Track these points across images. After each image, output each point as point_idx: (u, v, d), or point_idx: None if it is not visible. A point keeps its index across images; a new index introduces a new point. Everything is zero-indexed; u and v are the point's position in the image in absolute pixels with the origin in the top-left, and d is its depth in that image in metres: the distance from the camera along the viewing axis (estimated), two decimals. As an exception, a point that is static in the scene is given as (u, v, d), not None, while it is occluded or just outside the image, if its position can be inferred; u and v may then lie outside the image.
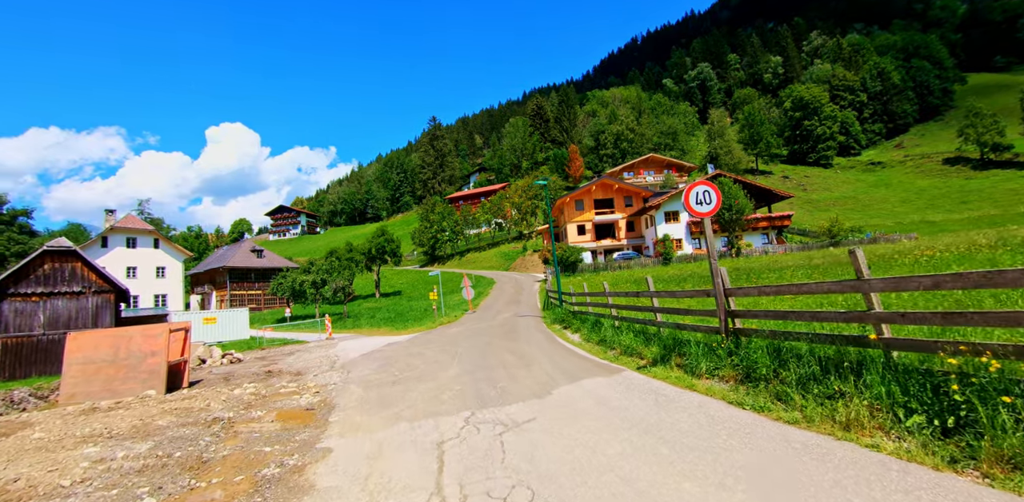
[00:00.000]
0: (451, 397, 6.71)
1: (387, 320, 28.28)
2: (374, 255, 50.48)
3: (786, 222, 46.92)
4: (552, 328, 14.58)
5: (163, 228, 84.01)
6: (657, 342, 7.57)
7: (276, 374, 12.22)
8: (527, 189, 66.45)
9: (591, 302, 12.31)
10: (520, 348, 10.99)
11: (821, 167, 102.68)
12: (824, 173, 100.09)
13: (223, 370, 15.14)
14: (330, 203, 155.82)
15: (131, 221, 45.34)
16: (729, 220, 37.38)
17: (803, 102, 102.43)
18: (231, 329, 29.68)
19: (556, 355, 9.55)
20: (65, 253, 23.00)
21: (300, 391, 8.82)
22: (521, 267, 52.23)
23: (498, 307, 23.97)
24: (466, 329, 16.85)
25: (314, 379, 10.26)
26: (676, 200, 46.19)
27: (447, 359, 10.52)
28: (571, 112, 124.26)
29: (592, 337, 10.46)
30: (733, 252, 37.32)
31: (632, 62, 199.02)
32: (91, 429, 6.51)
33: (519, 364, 8.89)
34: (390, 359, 11.68)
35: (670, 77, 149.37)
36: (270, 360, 16.88)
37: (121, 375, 11.08)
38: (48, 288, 22.62)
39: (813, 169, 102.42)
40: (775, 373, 5.06)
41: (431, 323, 22.09)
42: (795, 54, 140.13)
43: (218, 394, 8.80)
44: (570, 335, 12.46)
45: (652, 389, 5.89)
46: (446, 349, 12.17)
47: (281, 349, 21.32)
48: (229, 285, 51.50)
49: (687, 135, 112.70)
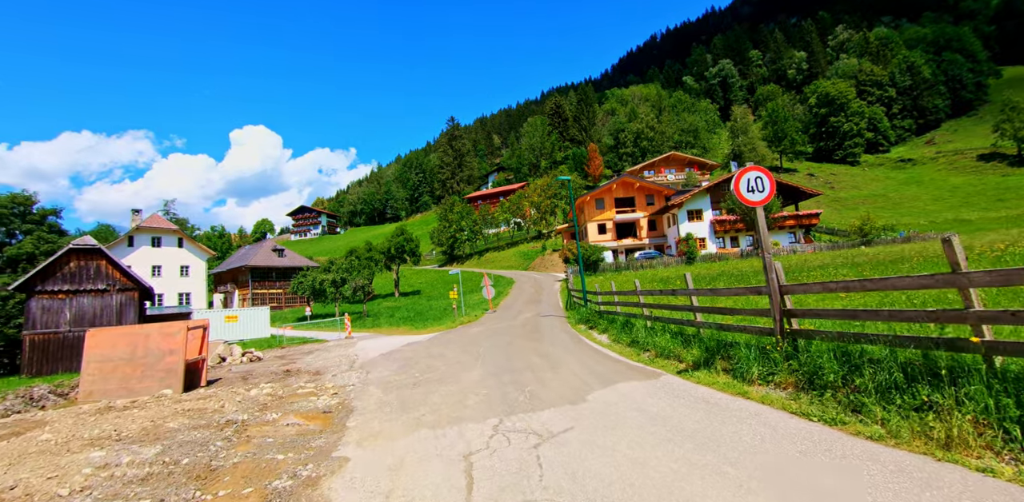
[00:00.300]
0: (476, 402, 6.24)
1: (406, 319, 28.02)
2: (393, 254, 50.45)
3: (814, 220, 45.50)
4: (577, 328, 14.04)
5: (187, 228, 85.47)
6: (697, 344, 7.00)
7: (294, 374, 11.93)
8: (546, 188, 65.86)
9: (619, 301, 11.74)
10: (545, 349, 10.49)
11: (848, 165, 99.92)
12: (851, 171, 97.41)
13: (242, 369, 14.96)
14: (350, 203, 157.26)
15: (156, 220, 46.06)
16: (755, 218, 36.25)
17: (829, 98, 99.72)
18: (252, 327, 29.78)
19: (585, 356, 9.03)
20: (90, 251, 23.23)
21: (317, 392, 8.46)
22: (540, 266, 51.67)
23: (518, 307, 23.48)
24: (487, 329, 16.41)
25: (332, 379, 9.91)
26: (700, 198, 45.15)
27: (469, 360, 10.07)
28: (590, 111, 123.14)
29: (622, 338, 9.90)
30: (759, 251, 36.18)
31: (651, 60, 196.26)
32: (100, 431, 6.22)
33: (546, 366, 8.39)
34: (410, 359, 11.29)
35: (690, 74, 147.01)
36: (289, 359, 16.68)
37: (138, 373, 10.90)
38: (74, 285, 22.86)
39: (840, 167, 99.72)
40: (844, 380, 4.47)
41: (451, 322, 21.72)
42: (820, 49, 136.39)
43: (234, 394, 8.49)
44: (597, 336, 11.91)
45: (699, 396, 5.34)
46: (468, 349, 11.73)
47: (300, 348, 21.18)
48: (251, 284, 52.02)
49: (708, 133, 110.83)
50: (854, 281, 4.45)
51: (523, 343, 11.78)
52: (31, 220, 33.93)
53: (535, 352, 10.20)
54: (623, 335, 9.93)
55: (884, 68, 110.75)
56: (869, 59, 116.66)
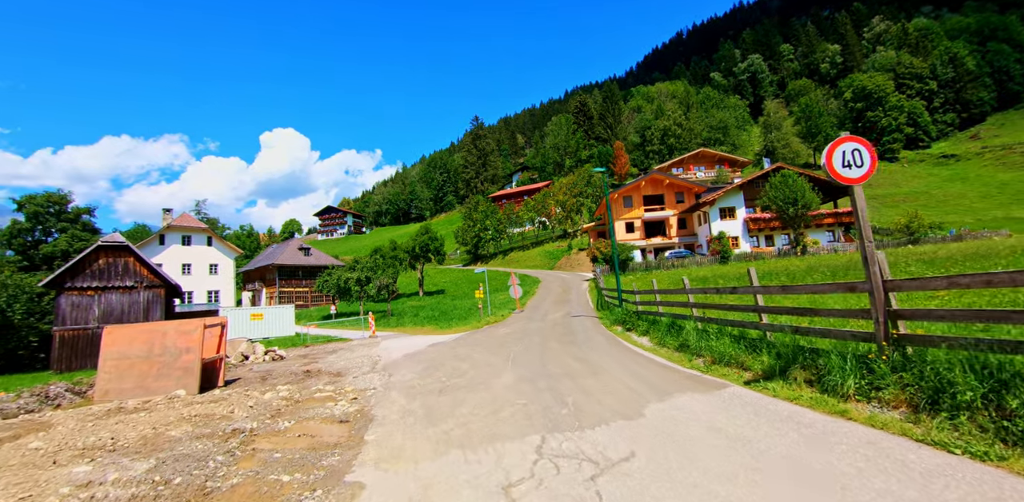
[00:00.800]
0: (512, 414, 5.43)
1: (431, 318, 27.46)
2: (418, 253, 50.12)
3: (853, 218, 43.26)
4: (612, 330, 13.11)
5: (218, 228, 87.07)
6: (767, 350, 6.04)
7: (314, 374, 11.35)
8: (572, 186, 64.76)
9: (661, 301, 10.78)
10: (582, 353, 9.62)
11: (886, 161, 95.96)
12: (890, 167, 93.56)
13: (263, 368, 14.50)
14: (375, 204, 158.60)
15: (186, 219, 46.72)
16: (793, 216, 34.60)
17: (865, 92, 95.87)
18: (277, 325, 29.66)
19: (628, 361, 8.14)
20: (119, 248, 23.27)
21: (336, 397, 7.79)
22: (567, 266, 50.66)
23: (546, 307, 22.61)
24: (516, 330, 15.60)
25: (353, 382, 9.25)
26: (733, 195, 43.52)
27: (499, 363, 9.27)
28: (615, 108, 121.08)
29: (668, 341, 8.95)
30: (798, 250, 34.52)
31: (677, 57, 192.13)
32: (96, 438, 5.62)
33: (586, 372, 7.53)
34: (435, 361, 10.56)
35: (718, 70, 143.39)
36: (311, 358, 16.20)
37: (155, 372, 10.45)
38: (103, 282, 22.92)
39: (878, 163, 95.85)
40: (986, 400, 3.50)
41: (476, 322, 20.99)
42: (855, 41, 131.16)
43: (247, 398, 7.88)
44: (636, 338, 10.98)
45: (783, 414, 4.42)
46: (497, 352, 10.94)
47: (324, 347, 20.77)
48: (278, 282, 52.41)
49: (738, 129, 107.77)
50: (1001, 274, 3.47)
51: (556, 345, 10.93)
52: (66, 219, 34.60)
53: (571, 355, 9.35)
54: (669, 338, 8.98)
55: (924, 60, 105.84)
56: (908, 51, 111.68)
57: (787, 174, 35.48)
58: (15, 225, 32.44)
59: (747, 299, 8.40)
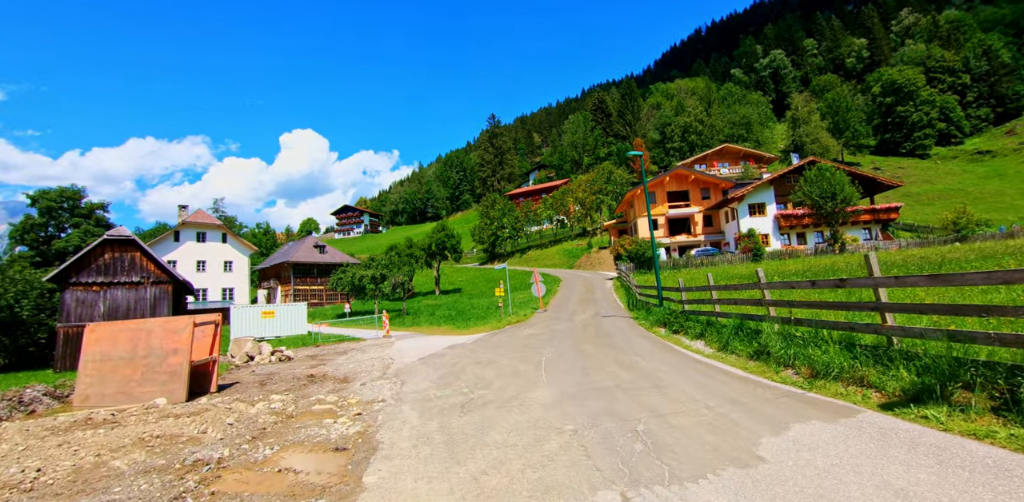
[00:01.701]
0: (563, 448, 3.97)
1: (447, 318, 26.15)
2: (434, 251, 48.91)
3: (892, 215, 40.95)
4: (655, 331, 11.56)
5: (235, 226, 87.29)
6: (903, 362, 4.49)
7: (318, 380, 10.05)
8: (591, 183, 63.00)
9: (721, 298, 9.19)
10: (628, 359, 8.11)
11: (917, 158, 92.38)
12: (922, 164, 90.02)
13: (266, 370, 13.30)
14: (392, 203, 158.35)
15: (201, 216, 46.19)
16: (831, 211, 32.52)
17: (895, 86, 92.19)
18: (289, 324, 28.61)
19: (691, 372, 6.62)
20: (125, 242, 22.39)
21: (337, 411, 6.44)
22: (587, 265, 49.01)
23: (572, 306, 21.08)
24: (542, 331, 14.13)
25: (359, 391, 7.90)
26: (762, 191, 41.44)
27: (530, 371, 7.83)
28: (634, 105, 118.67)
29: (736, 347, 7.39)
30: (836, 248, 32.42)
31: (696, 54, 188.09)
32: (18, 469, 4.32)
33: (644, 384, 6.05)
34: (455, 367, 9.16)
35: (739, 67, 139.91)
36: (320, 359, 14.98)
37: (138, 376, 9.24)
38: (108, 278, 22.05)
39: (908, 160, 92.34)
40: None
41: (496, 322, 19.58)
42: (882, 35, 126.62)
43: (229, 412, 6.55)
44: (689, 342, 9.42)
45: (990, 463, 2.90)
46: (525, 356, 9.49)
47: (335, 347, 19.58)
48: (293, 280, 51.68)
49: (760, 126, 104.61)
50: None
51: (594, 350, 9.44)
52: (79, 214, 34.12)
53: (615, 362, 7.85)
54: (737, 343, 7.41)
55: (956, 53, 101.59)
56: (939, 44, 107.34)
57: (824, 167, 33.37)
58: (28, 220, 31.98)
59: (860, 294, 6.72)
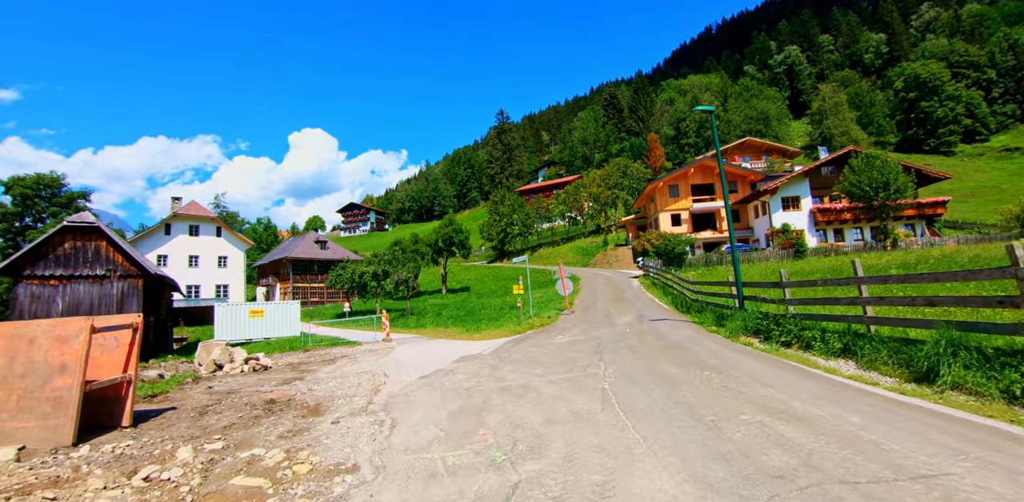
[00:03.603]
0: None
1: (456, 319, 23.19)
2: (441, 247, 45.84)
3: (939, 210, 37.57)
4: (746, 343, 8.48)
5: (237, 221, 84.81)
6: None
7: (279, 408, 7.11)
8: (606, 177, 59.83)
9: (869, 297, 6.07)
10: (757, 393, 5.05)
11: (942, 155, 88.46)
12: (947, 161, 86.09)
13: (227, 386, 10.41)
14: (398, 201, 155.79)
15: (194, 208, 43.49)
16: (882, 204, 29.24)
17: (919, 80, 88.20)
18: (280, 324, 25.76)
19: (934, 433, 3.57)
20: (88, 230, 19.53)
21: (267, 493, 3.46)
22: (603, 262, 45.88)
23: (603, 307, 18.02)
24: (580, 337, 11.08)
25: (325, 438, 4.92)
26: (797, 183, 38.19)
27: (597, 412, 4.78)
28: (647, 100, 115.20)
29: (947, 374, 4.32)
30: (888, 243, 29.14)
31: (707, 52, 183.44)
32: None
33: (874, 471, 3.00)
34: (472, 396, 6.13)
35: (752, 64, 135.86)
36: (299, 371, 12.07)
37: (13, 403, 6.30)
38: (68, 270, 19.19)
39: (932, 157, 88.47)
40: None
41: (515, 325, 16.56)
42: (902, 30, 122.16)
43: (79, 487, 3.56)
44: (823, 362, 6.36)
45: None
46: (575, 380, 6.44)
47: (326, 352, 16.66)
48: (292, 277, 48.89)
49: (778, 122, 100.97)
50: None
51: (682, 373, 6.36)
52: (57, 203, 31.46)
53: (748, 401, 4.79)
54: (951, 369, 4.33)
55: (981, 48, 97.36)
56: (962, 38, 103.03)
57: (874, 155, 30.06)
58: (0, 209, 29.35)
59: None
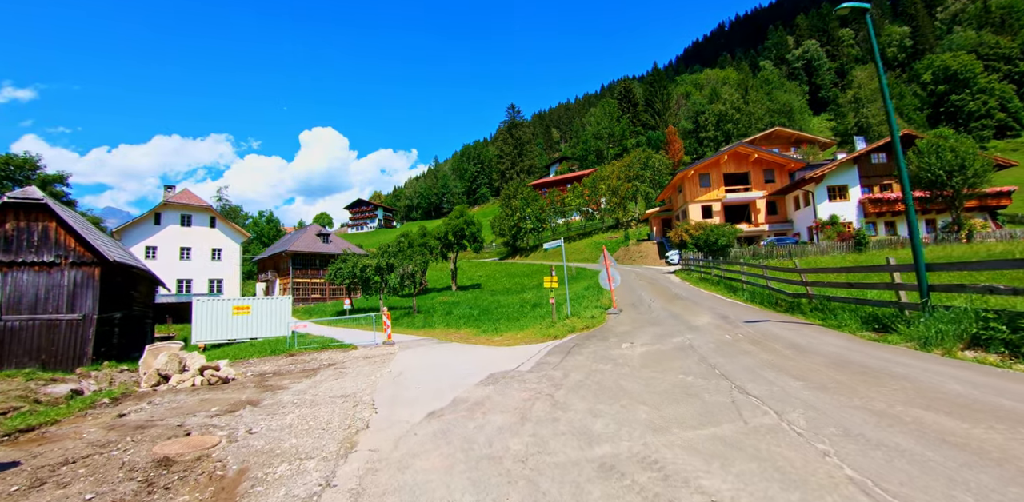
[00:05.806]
0: None
1: (469, 318, 19.88)
2: (451, 240, 42.42)
3: (1003, 201, 33.98)
4: (981, 360, 5.11)
5: (240, 216, 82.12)
6: None
7: (162, 487, 3.80)
8: (626, 168, 56.28)
9: None
10: None
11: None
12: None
13: (146, 414, 7.19)
14: (406, 198, 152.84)
15: (186, 196, 40.53)
16: (957, 191, 25.59)
17: (949, 73, 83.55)
18: (268, 322, 22.59)
19: None
20: (33, 207, 16.38)
21: None
22: (627, 258, 42.37)
23: (657, 305, 14.56)
24: (663, 347, 7.69)
25: None
26: (845, 171, 34.53)
27: None
28: (663, 93, 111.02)
29: None
30: (963, 235, 25.47)
31: (720, 49, 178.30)
32: None
33: None
34: (537, 485, 2.76)
35: (768, 59, 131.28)
36: (264, 388, 8.81)
37: None
38: (10, 256, 16.06)
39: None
40: None
41: (546, 327, 13.18)
42: (926, 23, 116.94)
43: None
44: None
45: None
46: (744, 445, 3.08)
47: (313, 357, 13.42)
48: (292, 272, 45.79)
49: (801, 114, 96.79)
50: None
51: (957, 426, 2.99)
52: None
53: None
54: None
55: (1012, 40, 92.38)
56: (991, 30, 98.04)
57: (946, 134, 26.40)
58: (-35, 192, 26.64)
59: None
